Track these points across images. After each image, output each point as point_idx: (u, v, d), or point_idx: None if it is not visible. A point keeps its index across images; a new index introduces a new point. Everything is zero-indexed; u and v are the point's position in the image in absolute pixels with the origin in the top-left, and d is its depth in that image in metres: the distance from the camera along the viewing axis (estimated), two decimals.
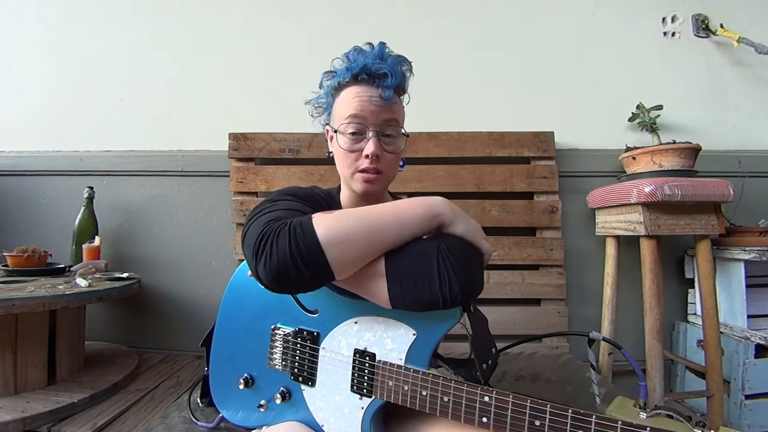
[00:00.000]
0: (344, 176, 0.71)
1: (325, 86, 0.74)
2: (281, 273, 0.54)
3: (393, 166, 0.71)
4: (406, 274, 0.56)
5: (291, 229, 0.54)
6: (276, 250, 0.54)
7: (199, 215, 1.54)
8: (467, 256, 0.57)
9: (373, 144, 0.66)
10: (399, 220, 0.57)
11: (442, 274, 0.54)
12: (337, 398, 0.64)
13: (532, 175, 1.43)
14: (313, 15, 1.56)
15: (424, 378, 0.57)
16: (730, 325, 1.27)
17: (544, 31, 1.54)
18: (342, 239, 0.54)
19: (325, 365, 0.66)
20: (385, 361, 0.61)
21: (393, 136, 0.69)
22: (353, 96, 0.68)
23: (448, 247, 0.56)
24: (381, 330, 0.62)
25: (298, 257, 0.53)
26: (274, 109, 1.53)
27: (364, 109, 0.66)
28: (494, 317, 1.38)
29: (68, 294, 1.00)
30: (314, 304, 0.69)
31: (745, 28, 1.45)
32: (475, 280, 0.58)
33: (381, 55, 0.68)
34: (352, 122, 0.67)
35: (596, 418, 0.45)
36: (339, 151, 0.69)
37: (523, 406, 0.50)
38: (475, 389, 0.53)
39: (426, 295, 0.55)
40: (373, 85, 0.68)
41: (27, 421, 0.91)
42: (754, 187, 1.45)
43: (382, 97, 0.66)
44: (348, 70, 0.68)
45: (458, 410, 0.54)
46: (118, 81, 1.59)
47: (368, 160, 0.66)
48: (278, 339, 0.71)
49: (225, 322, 0.79)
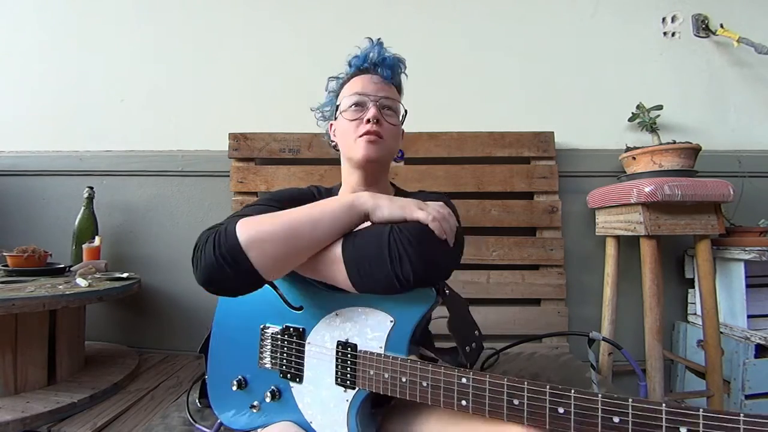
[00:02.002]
0: (347, 149, 0.74)
1: (331, 91, 0.80)
2: (210, 275, 0.58)
3: (393, 137, 0.74)
4: (360, 257, 0.58)
5: (216, 235, 0.58)
6: (204, 255, 0.58)
7: (199, 215, 1.54)
8: (421, 235, 0.57)
9: (373, 108, 0.70)
10: (312, 217, 0.59)
11: (392, 254, 0.56)
12: (323, 393, 0.64)
13: (532, 175, 1.43)
14: (313, 15, 1.56)
15: (402, 364, 0.57)
16: (730, 325, 1.27)
17: (544, 31, 1.54)
18: (260, 240, 0.57)
19: (311, 360, 0.66)
20: (365, 350, 0.61)
21: (392, 109, 0.74)
22: (355, 81, 0.75)
23: (400, 229, 0.58)
24: (362, 320, 0.62)
25: (221, 259, 0.57)
26: (274, 109, 1.54)
27: (365, 87, 0.73)
28: (494, 317, 1.38)
29: (68, 294, 1.00)
30: (299, 301, 0.70)
31: (745, 28, 1.45)
32: (434, 259, 0.58)
33: (379, 47, 0.76)
34: (353, 96, 0.72)
35: (575, 392, 0.44)
36: (342, 126, 0.74)
37: (501, 386, 0.49)
38: (452, 371, 0.53)
39: (381, 277, 0.57)
40: (373, 71, 0.75)
41: (27, 421, 0.91)
42: (754, 187, 1.45)
43: (381, 76, 0.74)
44: (352, 67, 0.77)
45: (437, 394, 0.54)
46: (118, 81, 1.59)
47: (369, 124, 0.70)
48: (267, 338, 0.72)
49: (219, 326, 0.79)
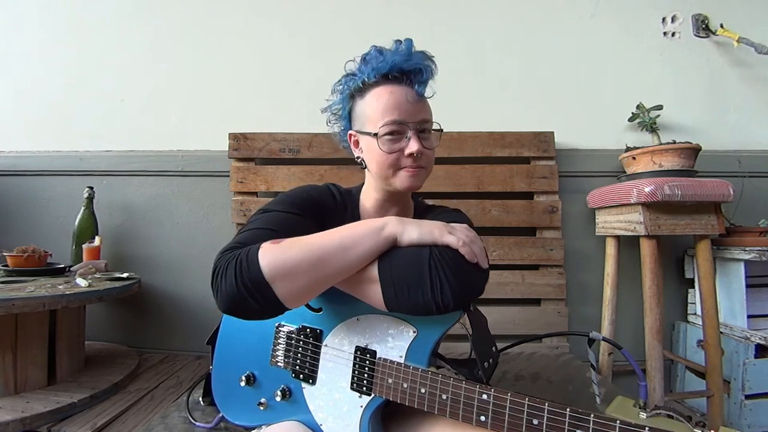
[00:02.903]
0: (383, 177, 0.69)
1: (343, 90, 0.72)
2: (232, 305, 0.55)
3: (432, 161, 0.71)
4: (399, 280, 0.56)
5: (238, 262, 0.55)
6: (224, 283, 0.54)
7: (199, 215, 1.54)
8: (459, 260, 0.57)
9: (415, 143, 0.65)
10: (343, 244, 0.57)
11: (434, 281, 0.55)
12: (336, 396, 0.64)
13: (532, 175, 1.43)
14: (313, 15, 1.56)
15: (423, 375, 0.57)
16: (730, 325, 1.27)
17: (543, 31, 1.54)
18: (285, 273, 0.54)
19: (326, 363, 0.66)
20: (385, 358, 0.61)
21: (429, 131, 0.69)
22: (386, 96, 0.66)
23: (440, 253, 0.56)
24: (383, 328, 0.62)
25: (244, 290, 0.54)
26: (274, 109, 1.53)
27: (402, 110, 0.66)
28: (494, 317, 1.38)
29: (68, 294, 1.00)
30: (318, 302, 0.69)
31: (745, 28, 1.45)
32: (470, 283, 0.57)
33: (410, 52, 0.67)
34: (390, 125, 0.66)
35: (594, 417, 0.45)
36: (377, 153, 0.67)
37: (521, 405, 0.49)
38: (473, 387, 0.53)
39: (419, 302, 0.55)
40: (404, 83, 0.67)
41: (27, 421, 0.91)
42: (754, 187, 1.45)
43: (418, 93, 0.67)
44: (375, 70, 0.67)
45: (456, 408, 0.54)
46: (118, 81, 1.59)
47: (412, 158, 0.66)
48: (282, 336, 0.71)
49: (230, 320, 0.79)
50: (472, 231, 0.62)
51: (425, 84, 0.67)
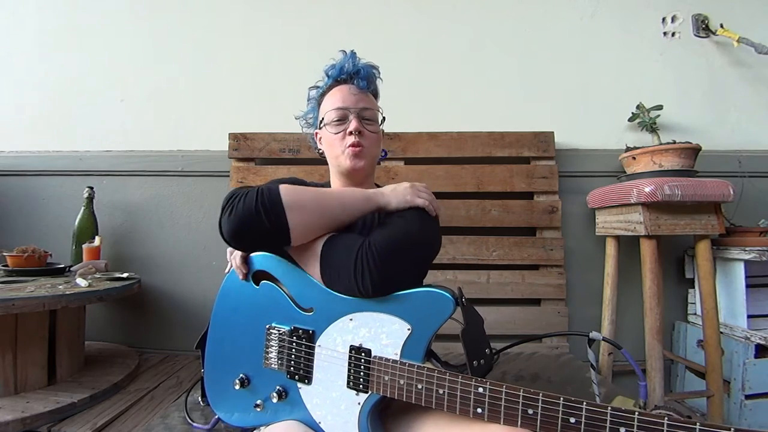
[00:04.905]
0: (334, 159, 0.80)
1: (312, 99, 0.86)
2: (244, 224, 0.64)
3: (375, 144, 0.81)
4: (333, 263, 0.66)
5: (259, 190, 0.65)
6: (243, 203, 0.64)
7: (199, 215, 1.54)
8: (390, 250, 0.63)
9: (355, 122, 0.77)
10: (342, 201, 0.70)
11: (357, 267, 0.62)
12: (333, 395, 0.64)
13: (532, 175, 1.43)
14: (313, 15, 1.56)
15: (419, 372, 0.58)
16: (730, 325, 1.27)
17: (544, 31, 1.54)
18: (300, 205, 0.66)
19: (321, 363, 0.66)
20: (380, 356, 0.61)
21: (371, 119, 0.80)
22: (336, 94, 0.80)
23: (370, 244, 0.64)
24: (376, 326, 0.63)
25: (262, 209, 0.63)
26: (274, 109, 1.53)
27: (345, 100, 0.78)
28: (494, 317, 1.38)
29: (68, 294, 1.00)
30: (309, 303, 0.70)
31: (745, 28, 1.45)
32: (390, 274, 0.63)
33: (353, 58, 0.81)
34: (335, 111, 0.78)
35: (587, 404, 0.47)
36: (327, 138, 0.80)
37: (516, 396, 0.51)
38: (469, 381, 0.54)
39: (345, 284, 0.64)
40: (350, 82, 0.80)
41: (27, 421, 0.91)
42: (754, 187, 1.45)
43: (358, 87, 0.79)
44: (329, 77, 0.82)
45: (453, 402, 0.55)
46: (118, 81, 1.59)
47: (352, 136, 0.76)
48: (273, 338, 0.71)
49: (219, 323, 0.79)
50: (429, 189, 0.76)
51: (364, 80, 0.80)
